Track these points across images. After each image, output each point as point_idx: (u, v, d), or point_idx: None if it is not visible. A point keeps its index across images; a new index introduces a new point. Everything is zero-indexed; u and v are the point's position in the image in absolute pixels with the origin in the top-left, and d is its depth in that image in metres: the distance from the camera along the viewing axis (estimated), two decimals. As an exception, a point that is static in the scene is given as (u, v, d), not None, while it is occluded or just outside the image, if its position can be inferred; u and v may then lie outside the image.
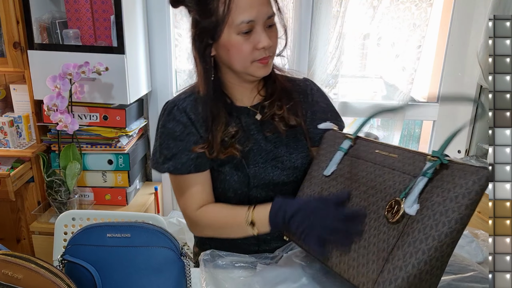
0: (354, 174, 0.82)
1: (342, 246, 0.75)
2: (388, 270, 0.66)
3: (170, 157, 0.92)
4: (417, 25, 1.88)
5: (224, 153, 0.91)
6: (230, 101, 0.96)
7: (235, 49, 0.86)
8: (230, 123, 0.93)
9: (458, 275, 0.80)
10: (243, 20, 0.83)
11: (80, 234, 0.73)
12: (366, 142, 0.85)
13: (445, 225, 0.64)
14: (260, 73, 0.90)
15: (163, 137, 0.93)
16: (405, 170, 0.74)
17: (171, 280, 0.73)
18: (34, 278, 0.63)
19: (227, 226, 0.91)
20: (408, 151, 0.76)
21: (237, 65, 0.89)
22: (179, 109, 0.93)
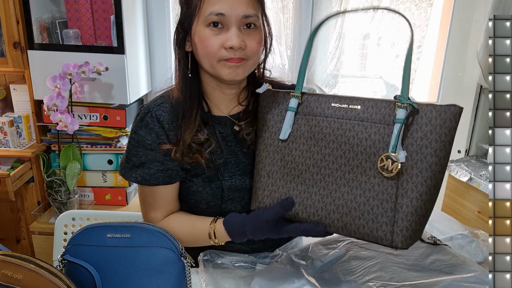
0: (317, 132, 0.79)
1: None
2: (401, 219, 0.71)
3: (138, 164, 0.89)
4: (417, 25, 1.88)
5: (190, 158, 0.87)
6: (207, 109, 0.92)
7: (202, 43, 0.81)
8: (201, 130, 0.89)
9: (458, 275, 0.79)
10: (212, 11, 0.79)
11: (80, 234, 0.73)
12: (316, 97, 0.82)
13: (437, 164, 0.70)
14: (227, 75, 0.83)
15: (133, 144, 0.89)
16: (375, 120, 0.74)
17: (171, 281, 0.72)
18: (33, 279, 0.63)
19: (190, 237, 0.90)
20: (368, 100, 0.76)
21: (204, 61, 0.84)
22: (153, 116, 0.88)
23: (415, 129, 0.72)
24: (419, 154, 0.71)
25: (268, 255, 0.92)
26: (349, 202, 0.75)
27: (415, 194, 0.71)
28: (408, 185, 0.71)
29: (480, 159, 1.90)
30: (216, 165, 0.90)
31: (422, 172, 0.71)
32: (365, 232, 0.74)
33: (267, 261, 0.90)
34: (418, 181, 0.71)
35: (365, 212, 0.74)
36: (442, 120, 0.70)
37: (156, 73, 2.01)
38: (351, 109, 0.77)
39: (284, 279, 0.83)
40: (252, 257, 0.90)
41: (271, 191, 0.83)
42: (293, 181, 0.81)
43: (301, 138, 0.81)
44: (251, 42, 0.82)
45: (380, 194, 0.73)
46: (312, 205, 0.79)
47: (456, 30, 1.93)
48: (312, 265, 0.85)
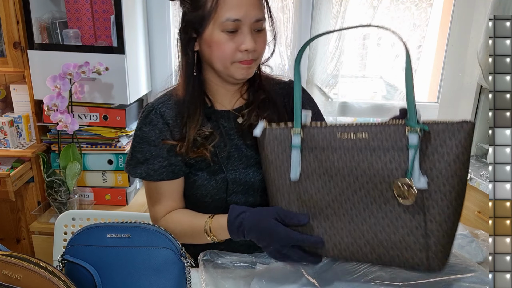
0: (329, 167, 0.76)
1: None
2: (434, 243, 0.71)
3: (142, 161, 0.91)
4: (417, 25, 1.88)
5: (195, 153, 0.89)
6: (210, 105, 0.94)
7: (217, 47, 0.84)
8: (205, 124, 0.91)
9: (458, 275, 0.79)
10: (229, 17, 0.82)
11: (80, 234, 0.73)
12: (318, 128, 0.78)
13: (459, 184, 0.70)
14: (240, 75, 0.87)
15: (137, 140, 0.92)
16: (387, 147, 0.72)
17: (171, 281, 0.72)
18: (33, 279, 0.63)
19: (188, 234, 0.90)
20: (374, 126, 0.73)
21: (218, 63, 0.87)
22: (157, 113, 0.91)
23: (431, 152, 0.70)
24: (440, 178, 0.70)
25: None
26: (378, 234, 0.74)
27: (443, 217, 0.70)
28: (434, 210, 0.71)
29: (480, 159, 1.90)
30: (220, 158, 0.91)
31: (447, 195, 0.70)
32: (401, 261, 0.74)
33: (267, 261, 0.90)
34: (444, 204, 0.70)
35: (397, 242, 0.73)
36: (457, 140, 0.69)
37: (156, 73, 2.01)
38: (359, 139, 0.74)
39: (284, 279, 0.83)
40: (252, 257, 0.90)
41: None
42: (316, 218, 0.78)
43: (314, 174, 0.78)
44: (260, 44, 0.87)
45: (408, 222, 0.72)
46: (341, 241, 0.77)
47: (456, 30, 1.93)
48: (312, 265, 0.85)
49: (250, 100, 0.96)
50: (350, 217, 0.76)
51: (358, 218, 0.75)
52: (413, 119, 0.70)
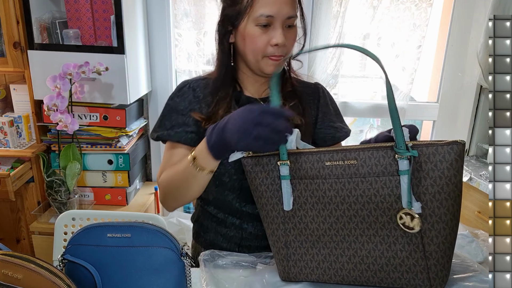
0: (321, 196, 0.75)
1: (273, 143, 0.71)
2: (434, 264, 0.72)
3: (169, 127, 0.97)
4: (417, 25, 1.88)
5: None
6: (240, 90, 1.00)
7: (250, 39, 0.90)
8: (234, 106, 0.96)
9: (458, 275, 0.79)
10: (263, 13, 0.88)
11: (80, 234, 0.73)
12: (305, 156, 0.75)
13: (454, 205, 0.70)
14: (269, 70, 0.92)
15: (168, 109, 0.99)
16: (377, 173, 0.71)
17: (171, 281, 0.72)
18: (33, 278, 0.63)
19: (179, 174, 0.87)
20: (362, 151, 0.72)
21: (250, 55, 0.93)
22: (190, 87, 1.00)
23: (423, 177, 0.70)
24: (434, 202, 0.70)
25: (269, 255, 0.92)
26: (378, 259, 0.75)
27: (441, 239, 0.71)
28: (431, 233, 0.71)
29: (480, 159, 1.90)
30: None
31: (442, 217, 0.70)
32: (403, 283, 0.75)
33: (267, 261, 0.90)
34: (441, 226, 0.70)
35: (398, 265, 0.74)
36: (448, 162, 0.68)
37: (156, 73, 2.01)
38: (348, 165, 0.72)
39: (284, 279, 0.83)
40: (253, 257, 0.90)
41: (295, 261, 0.80)
42: (314, 246, 0.78)
43: (307, 204, 0.77)
44: (289, 40, 0.92)
45: (406, 245, 0.73)
46: (342, 267, 0.77)
47: (456, 30, 1.93)
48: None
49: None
50: (348, 244, 0.76)
51: (356, 244, 0.75)
52: (401, 145, 0.69)
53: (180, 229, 1.75)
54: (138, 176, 1.99)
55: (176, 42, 1.99)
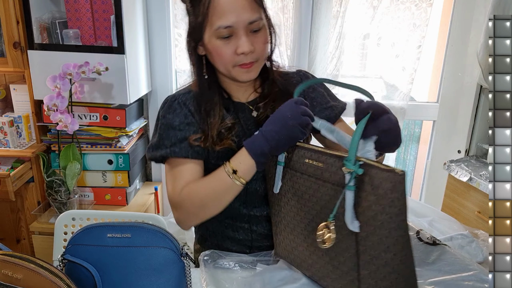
0: (298, 189, 0.79)
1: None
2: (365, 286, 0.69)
3: (169, 145, 0.92)
4: (417, 25, 1.88)
5: (219, 145, 0.91)
6: (227, 96, 0.97)
7: (216, 53, 0.87)
8: (226, 116, 0.94)
9: (458, 274, 0.80)
10: (221, 25, 0.83)
11: (80, 234, 0.73)
12: (297, 149, 0.80)
13: (398, 229, 0.63)
14: (243, 78, 0.90)
15: (163, 128, 0.94)
16: (334, 181, 0.70)
17: (171, 281, 0.72)
18: (33, 278, 0.63)
19: (211, 190, 0.87)
20: (330, 156, 0.72)
21: (220, 68, 0.90)
22: (179, 102, 0.95)
23: (364, 196, 0.65)
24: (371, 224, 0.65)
25: (268, 254, 0.92)
26: (323, 265, 0.76)
27: (376, 267, 0.66)
28: (366, 257, 0.67)
29: (480, 159, 1.90)
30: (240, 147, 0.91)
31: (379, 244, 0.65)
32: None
33: (267, 260, 0.90)
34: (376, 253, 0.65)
35: (338, 276, 0.73)
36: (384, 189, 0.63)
37: (156, 73, 2.01)
38: (318, 167, 0.74)
39: (285, 279, 0.83)
40: (253, 257, 0.91)
41: (281, 240, 0.86)
42: (292, 233, 0.83)
43: (289, 193, 0.81)
44: (258, 44, 0.87)
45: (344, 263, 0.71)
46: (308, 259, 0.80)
47: (456, 30, 1.93)
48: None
49: (264, 92, 0.98)
50: (312, 240, 0.77)
51: (314, 244, 0.76)
52: (351, 159, 0.67)
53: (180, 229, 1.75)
54: (138, 176, 1.99)
55: (176, 42, 1.99)
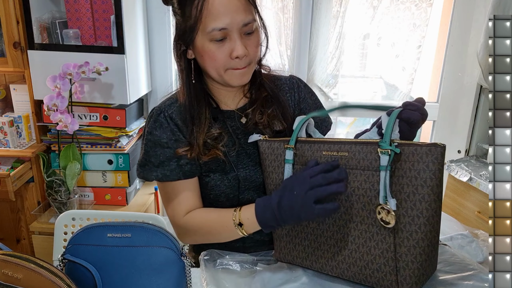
0: None
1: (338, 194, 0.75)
2: (403, 268, 0.71)
3: (157, 164, 0.91)
4: (417, 25, 1.88)
5: (207, 155, 0.90)
6: (216, 105, 0.94)
7: (208, 57, 0.84)
8: (213, 126, 0.91)
9: (458, 274, 0.80)
10: (215, 27, 0.80)
11: (81, 234, 0.73)
12: (308, 144, 0.80)
13: (428, 210, 0.68)
14: (235, 82, 0.88)
15: (150, 145, 0.91)
16: (363, 166, 0.73)
17: (171, 280, 0.72)
18: (34, 278, 0.63)
19: (215, 230, 0.88)
20: (354, 145, 0.74)
21: (212, 72, 0.87)
22: (165, 116, 0.91)
23: (400, 175, 0.69)
24: (408, 202, 0.69)
25: (269, 253, 0.92)
26: (353, 252, 0.76)
27: (412, 242, 0.70)
28: (403, 234, 0.70)
29: (480, 159, 1.90)
30: (230, 157, 0.92)
31: (415, 220, 0.69)
32: (373, 281, 0.75)
33: (267, 259, 0.90)
34: (413, 229, 0.69)
35: (369, 262, 0.74)
36: (425, 163, 0.67)
37: (156, 73, 2.01)
38: (341, 156, 0.75)
39: (285, 278, 0.83)
40: (253, 256, 0.90)
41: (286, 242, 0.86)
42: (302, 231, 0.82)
43: None
44: (251, 47, 0.85)
45: (380, 243, 0.73)
46: (322, 255, 0.80)
47: (456, 30, 1.93)
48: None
49: (253, 98, 0.96)
50: (332, 233, 0.78)
51: (338, 235, 0.78)
52: (386, 139, 0.70)
53: (180, 229, 1.75)
54: (138, 176, 1.99)
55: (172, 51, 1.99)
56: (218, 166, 0.92)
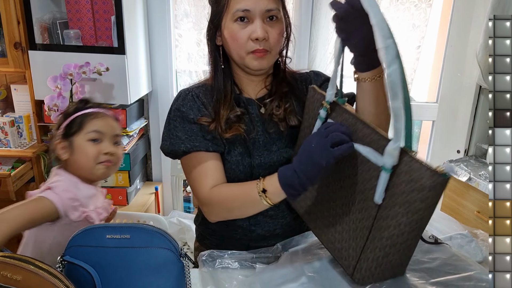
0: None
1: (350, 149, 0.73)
2: (364, 259, 0.72)
3: (184, 139, 0.93)
4: (416, 25, 1.88)
5: (229, 132, 0.92)
6: (238, 92, 0.99)
7: (231, 37, 0.90)
8: (235, 107, 0.96)
9: (457, 275, 0.80)
10: (239, 8, 0.87)
11: (80, 235, 0.73)
12: (346, 114, 0.79)
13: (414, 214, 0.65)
14: (254, 65, 0.91)
15: (179, 121, 0.95)
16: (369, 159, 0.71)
17: (170, 281, 0.73)
18: (33, 280, 0.63)
19: (239, 200, 0.88)
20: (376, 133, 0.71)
21: (234, 54, 0.92)
22: (193, 95, 0.96)
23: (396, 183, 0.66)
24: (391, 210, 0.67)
25: (269, 250, 0.92)
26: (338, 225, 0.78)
27: (379, 245, 0.69)
28: (376, 234, 0.70)
29: (479, 159, 1.90)
30: (249, 141, 0.95)
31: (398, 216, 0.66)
32: (340, 256, 0.77)
33: (267, 255, 0.90)
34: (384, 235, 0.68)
35: (345, 240, 0.76)
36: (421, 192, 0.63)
37: (156, 73, 2.01)
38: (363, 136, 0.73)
39: (285, 278, 0.83)
40: (252, 253, 0.91)
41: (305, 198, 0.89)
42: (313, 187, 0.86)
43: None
44: (273, 33, 0.90)
45: (359, 230, 0.74)
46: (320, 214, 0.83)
47: (456, 31, 1.93)
48: (313, 264, 0.85)
49: (272, 90, 1.00)
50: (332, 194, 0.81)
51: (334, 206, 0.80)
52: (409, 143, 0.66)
53: (180, 228, 1.76)
54: (138, 176, 1.99)
55: (177, 43, 2.00)
56: (237, 146, 0.94)
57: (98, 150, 0.98)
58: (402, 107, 0.63)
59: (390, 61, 0.63)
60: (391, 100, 0.63)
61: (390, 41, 0.64)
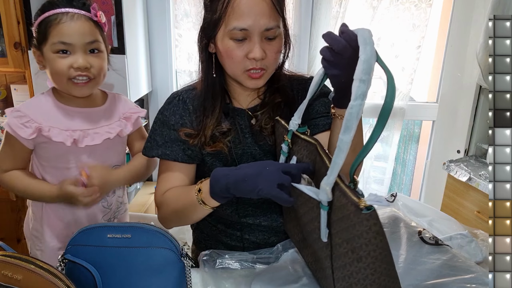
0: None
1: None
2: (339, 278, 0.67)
3: (161, 144, 0.93)
4: (416, 25, 1.88)
5: (211, 147, 0.91)
6: (229, 101, 0.95)
7: (227, 53, 0.85)
8: (223, 120, 0.92)
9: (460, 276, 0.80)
10: (236, 26, 0.81)
11: (81, 235, 0.73)
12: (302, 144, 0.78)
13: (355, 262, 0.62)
14: (249, 85, 0.88)
15: (158, 124, 0.94)
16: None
17: (171, 281, 0.73)
18: (33, 279, 0.63)
19: (182, 201, 0.87)
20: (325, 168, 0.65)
21: (228, 69, 0.88)
22: (180, 99, 0.94)
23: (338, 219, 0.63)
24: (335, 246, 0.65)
25: (269, 250, 0.92)
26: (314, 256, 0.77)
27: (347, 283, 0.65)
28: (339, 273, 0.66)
29: (479, 159, 1.90)
30: (235, 154, 0.93)
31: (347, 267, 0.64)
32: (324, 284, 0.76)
33: (267, 257, 0.90)
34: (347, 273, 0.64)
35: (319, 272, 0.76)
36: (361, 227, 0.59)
37: (156, 73, 2.01)
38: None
39: (285, 279, 0.83)
40: (252, 254, 0.91)
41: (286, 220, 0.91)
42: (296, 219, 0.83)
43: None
44: (270, 52, 0.85)
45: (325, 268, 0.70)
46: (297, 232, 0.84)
47: (456, 31, 1.93)
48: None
49: (265, 101, 0.96)
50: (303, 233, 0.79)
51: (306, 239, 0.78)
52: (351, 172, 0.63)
53: (180, 228, 1.75)
54: (138, 176, 1.99)
55: (177, 43, 1.99)
56: (220, 160, 0.93)
57: (67, 64, 0.83)
58: (349, 143, 0.61)
59: (359, 95, 0.62)
60: (342, 133, 0.61)
61: (367, 77, 0.62)
